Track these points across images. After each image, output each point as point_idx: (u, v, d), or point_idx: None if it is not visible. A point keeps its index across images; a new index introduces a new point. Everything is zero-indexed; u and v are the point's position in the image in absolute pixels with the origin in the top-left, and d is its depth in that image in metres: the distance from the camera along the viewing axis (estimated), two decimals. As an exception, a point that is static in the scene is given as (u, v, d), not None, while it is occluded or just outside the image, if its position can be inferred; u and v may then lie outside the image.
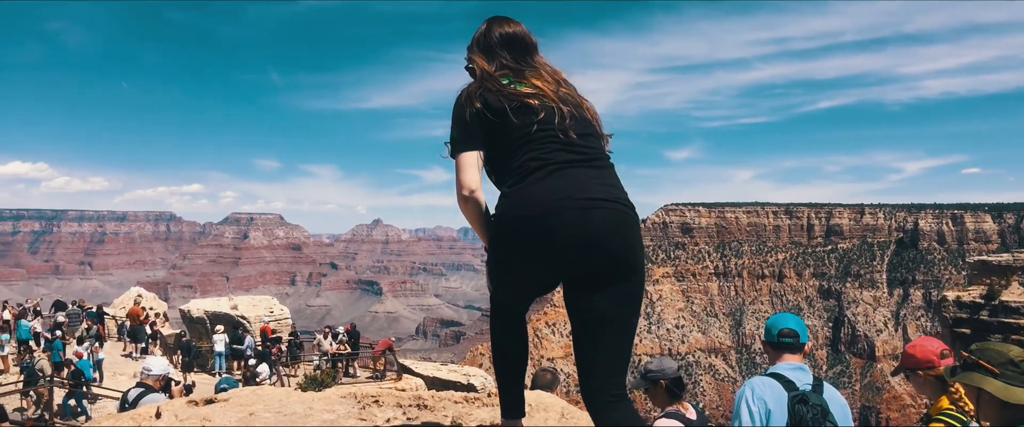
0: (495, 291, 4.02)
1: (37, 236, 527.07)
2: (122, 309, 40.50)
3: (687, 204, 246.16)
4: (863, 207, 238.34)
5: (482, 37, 4.12)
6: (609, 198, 3.57)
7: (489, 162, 3.79)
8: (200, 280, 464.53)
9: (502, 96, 3.73)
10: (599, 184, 3.59)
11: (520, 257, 3.61)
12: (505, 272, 3.81)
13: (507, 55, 4.03)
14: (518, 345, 4.26)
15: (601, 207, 3.51)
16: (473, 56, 4.09)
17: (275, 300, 40.62)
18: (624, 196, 3.69)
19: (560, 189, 3.48)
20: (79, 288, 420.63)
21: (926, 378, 4.83)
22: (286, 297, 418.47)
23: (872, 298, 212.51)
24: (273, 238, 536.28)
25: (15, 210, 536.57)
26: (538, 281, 3.77)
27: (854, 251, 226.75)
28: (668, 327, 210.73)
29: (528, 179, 3.55)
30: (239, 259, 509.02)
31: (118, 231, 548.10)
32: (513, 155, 3.66)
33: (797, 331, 4.75)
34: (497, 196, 3.79)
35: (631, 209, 3.68)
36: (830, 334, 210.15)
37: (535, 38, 4.19)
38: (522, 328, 4.26)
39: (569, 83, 4.11)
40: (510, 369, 4.33)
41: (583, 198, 3.48)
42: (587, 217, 3.45)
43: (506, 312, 4.15)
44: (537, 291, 3.91)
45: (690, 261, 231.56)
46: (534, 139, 3.64)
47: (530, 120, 3.66)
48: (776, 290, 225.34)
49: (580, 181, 3.54)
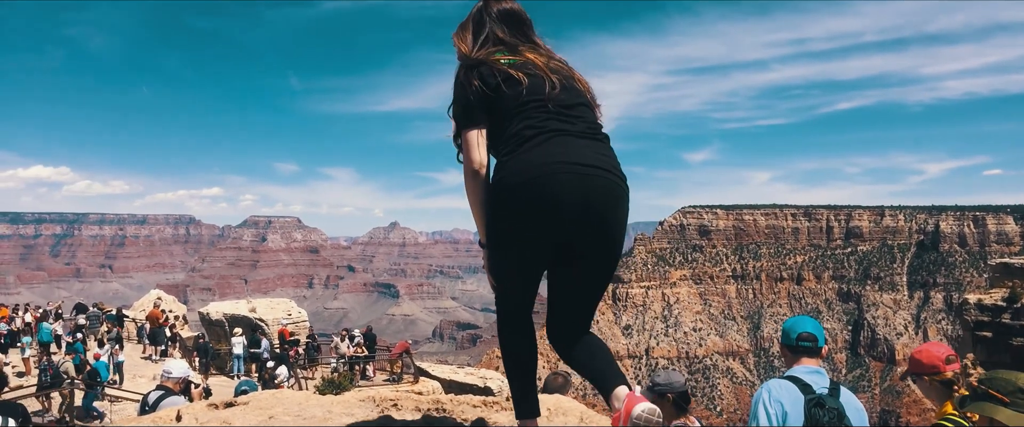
0: (499, 278, 4.03)
1: (59, 239, 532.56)
2: (142, 312, 40.85)
3: (705, 206, 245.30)
4: (883, 209, 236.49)
5: (478, 13, 4.23)
6: (604, 167, 3.66)
7: (488, 135, 3.89)
8: (219, 283, 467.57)
9: (495, 70, 3.83)
10: (593, 152, 3.68)
11: (520, 222, 3.63)
12: (506, 247, 3.83)
13: (504, 29, 4.14)
14: (527, 341, 4.26)
15: (598, 175, 3.60)
16: (465, 34, 4.19)
17: (293, 303, 40.76)
18: (618, 167, 3.78)
19: (556, 155, 3.58)
20: (100, 291, 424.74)
21: (932, 383, 4.87)
22: (304, 300, 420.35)
23: (892, 301, 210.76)
24: (291, 241, 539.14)
25: (37, 213, 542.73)
26: (538, 253, 3.79)
27: (874, 253, 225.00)
28: (685, 330, 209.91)
29: (524, 146, 3.64)
30: (257, 262, 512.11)
31: (138, 234, 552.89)
32: (508, 124, 3.76)
33: (815, 335, 4.74)
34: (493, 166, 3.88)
35: (624, 181, 3.76)
36: (850, 337, 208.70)
37: (531, 18, 4.29)
38: (530, 325, 4.27)
39: (562, 59, 4.21)
40: (523, 368, 4.30)
41: (580, 164, 3.57)
42: (585, 183, 3.55)
43: (512, 307, 4.17)
44: (537, 267, 3.91)
45: (708, 263, 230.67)
46: (527, 108, 3.75)
47: (520, 90, 3.77)
48: (795, 293, 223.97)
49: (575, 148, 3.63)
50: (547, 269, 3.94)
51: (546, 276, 4.01)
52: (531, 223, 3.61)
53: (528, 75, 3.85)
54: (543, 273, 3.99)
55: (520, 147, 3.67)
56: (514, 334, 4.23)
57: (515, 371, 4.31)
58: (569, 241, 3.69)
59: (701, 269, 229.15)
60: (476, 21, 4.22)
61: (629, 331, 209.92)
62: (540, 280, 4.04)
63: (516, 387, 4.31)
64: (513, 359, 4.29)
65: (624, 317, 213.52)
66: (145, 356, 34.15)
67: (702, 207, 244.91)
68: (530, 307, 4.23)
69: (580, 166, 3.57)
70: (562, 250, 3.76)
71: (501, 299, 4.15)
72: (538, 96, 3.79)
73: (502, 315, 4.22)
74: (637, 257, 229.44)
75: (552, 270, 3.94)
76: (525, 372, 4.30)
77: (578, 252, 3.76)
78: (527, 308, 4.21)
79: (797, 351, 4.73)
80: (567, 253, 3.77)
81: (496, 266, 3.96)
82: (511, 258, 3.87)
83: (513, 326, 4.22)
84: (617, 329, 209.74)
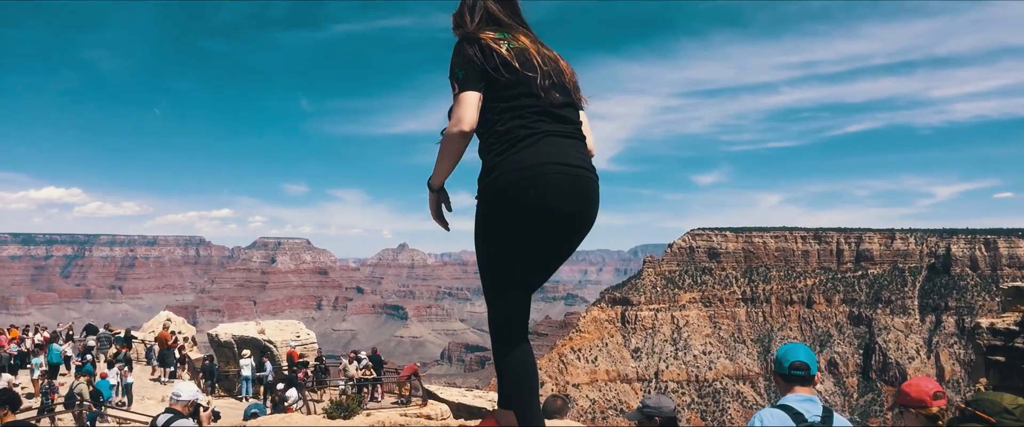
0: (495, 281, 4.16)
1: (69, 260, 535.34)
2: (151, 333, 40.95)
3: (714, 229, 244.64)
4: (894, 232, 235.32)
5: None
6: (587, 167, 4.01)
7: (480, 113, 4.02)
8: (228, 304, 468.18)
9: (494, 52, 4.01)
10: (577, 153, 4.01)
11: (516, 221, 3.86)
12: (504, 247, 4.02)
13: (500, 8, 4.32)
14: (528, 351, 4.27)
15: (583, 175, 3.94)
16: (464, 11, 4.35)
17: (301, 324, 40.76)
18: (593, 166, 4.11)
19: (549, 156, 3.84)
20: (109, 312, 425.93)
21: (917, 415, 4.95)
22: (312, 321, 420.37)
23: (904, 325, 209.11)
24: (300, 262, 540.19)
25: (48, 234, 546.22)
26: (531, 253, 4.02)
27: (885, 277, 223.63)
28: (695, 353, 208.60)
29: (517, 146, 3.85)
30: (266, 283, 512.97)
31: (148, 255, 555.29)
32: (499, 115, 3.96)
33: (808, 364, 4.81)
34: (481, 165, 4.03)
35: (598, 179, 4.11)
36: (861, 361, 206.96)
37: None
38: (527, 335, 4.32)
39: (548, 47, 4.35)
40: (527, 381, 4.25)
41: (569, 165, 3.89)
42: (575, 183, 3.88)
43: (511, 312, 4.23)
44: (532, 264, 4.09)
45: (717, 286, 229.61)
46: (519, 104, 3.97)
47: (515, 78, 3.97)
48: (805, 316, 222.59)
49: (564, 149, 3.93)
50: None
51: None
52: (527, 221, 3.85)
53: (523, 65, 4.01)
54: (534, 264, 4.14)
55: (513, 147, 3.86)
56: (516, 342, 4.24)
57: (520, 386, 4.23)
58: (556, 237, 3.97)
59: (710, 292, 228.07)
60: (470, 2, 4.38)
61: (638, 354, 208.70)
62: (530, 271, 4.16)
63: (523, 405, 4.20)
64: (520, 370, 4.24)
65: (633, 340, 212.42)
66: (154, 377, 34.18)
67: (711, 229, 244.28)
68: (527, 314, 4.31)
69: (569, 167, 3.87)
70: (546, 245, 4.04)
71: (499, 303, 4.23)
72: (531, 91, 3.99)
73: (502, 321, 4.25)
74: (646, 279, 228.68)
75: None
76: (531, 386, 4.26)
77: (557, 248, 4.06)
78: (525, 313, 4.30)
79: (790, 379, 4.80)
80: (548, 248, 4.06)
81: (492, 266, 4.13)
82: (507, 257, 4.04)
83: (514, 334, 4.24)
84: (626, 352, 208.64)
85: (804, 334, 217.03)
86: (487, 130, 4.00)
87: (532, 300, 4.35)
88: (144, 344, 39.47)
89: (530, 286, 4.25)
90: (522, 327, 4.30)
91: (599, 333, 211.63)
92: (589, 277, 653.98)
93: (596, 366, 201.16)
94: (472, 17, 4.30)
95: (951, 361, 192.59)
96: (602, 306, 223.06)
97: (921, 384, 5.04)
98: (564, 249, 4.08)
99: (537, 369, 4.34)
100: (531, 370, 4.30)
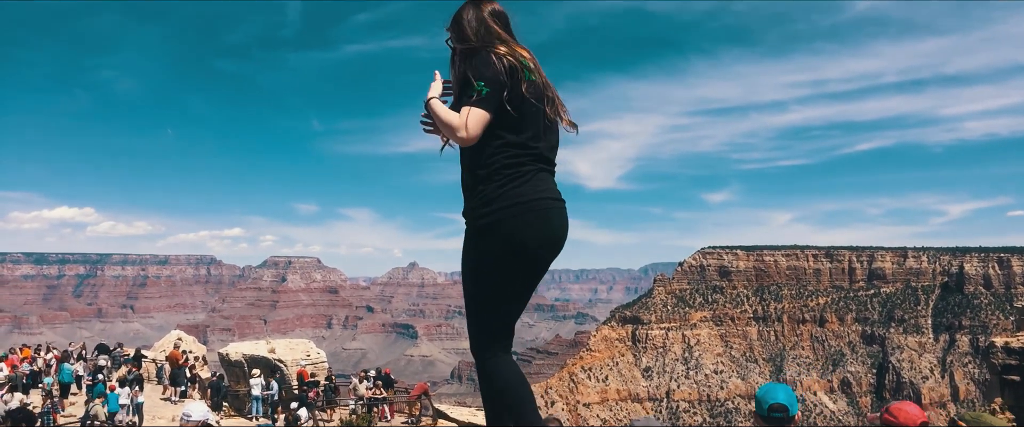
0: (491, 310, 4.25)
1: (82, 279, 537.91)
2: (162, 352, 41.03)
3: (725, 247, 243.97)
4: (906, 250, 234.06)
5: (477, 11, 4.40)
6: (563, 198, 4.33)
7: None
8: (239, 323, 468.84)
9: (519, 81, 4.15)
10: (554, 185, 4.32)
11: (515, 253, 4.08)
12: (498, 279, 4.16)
13: (500, 26, 4.40)
14: (520, 374, 4.34)
15: (562, 208, 4.29)
16: (467, 30, 4.39)
17: (312, 343, 40.74)
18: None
19: (542, 191, 4.15)
20: (121, 331, 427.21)
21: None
22: (322, 340, 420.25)
23: (917, 344, 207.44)
24: (310, 281, 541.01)
25: (61, 254, 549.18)
26: (527, 282, 4.24)
27: (898, 295, 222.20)
28: (706, 372, 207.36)
29: (517, 181, 4.09)
30: (277, 302, 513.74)
31: (160, 274, 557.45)
32: (503, 151, 4.12)
33: (787, 405, 4.79)
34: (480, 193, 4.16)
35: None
36: (874, 381, 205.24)
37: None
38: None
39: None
40: (527, 405, 4.24)
41: (557, 199, 4.25)
42: (562, 215, 4.26)
43: (500, 337, 4.30)
44: (523, 296, 4.29)
45: (728, 305, 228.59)
46: (525, 142, 4.17)
47: (529, 115, 4.18)
48: (817, 335, 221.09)
49: (552, 183, 4.28)
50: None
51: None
52: (526, 252, 4.09)
53: (537, 100, 4.22)
54: (526, 297, 4.33)
55: (513, 181, 4.07)
56: (510, 367, 4.30)
57: (521, 412, 4.21)
58: (545, 266, 4.25)
59: (722, 310, 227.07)
60: (478, 19, 4.39)
61: (649, 373, 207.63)
62: (514, 303, 4.30)
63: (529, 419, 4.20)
64: (518, 393, 4.25)
65: (644, 359, 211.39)
66: (165, 397, 34.24)
67: (722, 248, 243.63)
68: (511, 341, 4.43)
69: (557, 200, 4.23)
70: (539, 274, 4.29)
71: (488, 329, 4.29)
72: (537, 132, 4.22)
73: (490, 346, 4.31)
74: (657, 298, 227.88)
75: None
76: (533, 409, 4.25)
77: (542, 275, 4.31)
78: (510, 336, 4.40)
79: (769, 421, 4.78)
80: (539, 276, 4.30)
81: (485, 294, 4.21)
82: (504, 287, 4.17)
83: (507, 360, 4.33)
84: (637, 371, 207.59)
85: (816, 353, 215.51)
86: (486, 160, 4.10)
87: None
88: (155, 363, 39.56)
89: (519, 312, 4.41)
90: (510, 347, 4.45)
91: (610, 352, 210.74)
92: (599, 296, 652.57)
93: (607, 385, 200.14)
94: (476, 36, 4.33)
95: (965, 380, 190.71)
96: (612, 325, 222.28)
97: (910, 410, 5.03)
98: (542, 275, 4.32)
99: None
100: (527, 385, 4.37)
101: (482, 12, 4.36)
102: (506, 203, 4.01)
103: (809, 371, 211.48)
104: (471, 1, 4.44)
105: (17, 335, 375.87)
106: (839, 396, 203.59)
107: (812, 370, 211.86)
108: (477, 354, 4.36)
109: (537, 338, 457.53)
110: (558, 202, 4.22)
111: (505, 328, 4.35)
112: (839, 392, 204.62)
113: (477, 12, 4.37)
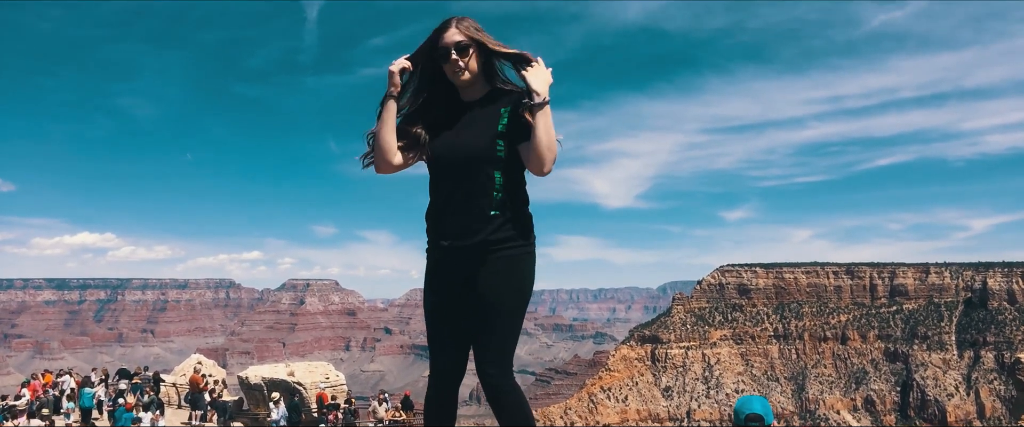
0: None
1: (102, 304, 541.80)
2: (182, 376, 41.14)
3: (744, 265, 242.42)
4: (928, 266, 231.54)
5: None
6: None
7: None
8: (258, 346, 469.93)
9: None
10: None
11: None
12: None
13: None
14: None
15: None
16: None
17: (330, 366, 40.74)
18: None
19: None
20: (141, 356, 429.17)
21: None
22: (341, 362, 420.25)
23: (941, 361, 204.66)
24: (329, 304, 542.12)
25: (82, 279, 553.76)
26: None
27: (920, 312, 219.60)
28: (727, 391, 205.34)
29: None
30: (295, 325, 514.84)
31: (180, 299, 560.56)
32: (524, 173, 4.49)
33: (762, 415, 4.89)
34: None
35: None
36: (898, 399, 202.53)
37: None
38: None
39: None
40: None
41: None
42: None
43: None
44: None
45: (748, 323, 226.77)
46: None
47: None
48: (840, 353, 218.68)
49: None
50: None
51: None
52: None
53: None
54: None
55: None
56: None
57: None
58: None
59: (742, 329, 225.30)
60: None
61: (669, 393, 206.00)
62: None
63: None
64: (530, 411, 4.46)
65: (664, 378, 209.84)
66: (185, 422, 34.27)
67: (741, 266, 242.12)
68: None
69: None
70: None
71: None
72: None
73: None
74: (676, 317, 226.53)
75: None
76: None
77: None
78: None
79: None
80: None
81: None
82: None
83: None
84: (657, 391, 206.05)
85: (839, 371, 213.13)
86: (523, 185, 4.36)
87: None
88: (175, 387, 39.67)
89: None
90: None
91: (629, 372, 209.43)
92: (618, 315, 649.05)
93: (627, 405, 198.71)
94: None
95: (991, 398, 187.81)
96: (631, 344, 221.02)
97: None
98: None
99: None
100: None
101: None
102: (534, 231, 4.40)
103: (832, 389, 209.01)
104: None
105: (39, 360, 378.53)
106: (863, 415, 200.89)
107: (835, 388, 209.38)
108: (511, 379, 4.40)
109: (556, 358, 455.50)
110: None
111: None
112: (863, 410, 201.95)
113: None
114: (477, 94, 4.36)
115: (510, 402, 4.34)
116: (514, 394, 4.36)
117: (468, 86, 4.33)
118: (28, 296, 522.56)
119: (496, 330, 4.30)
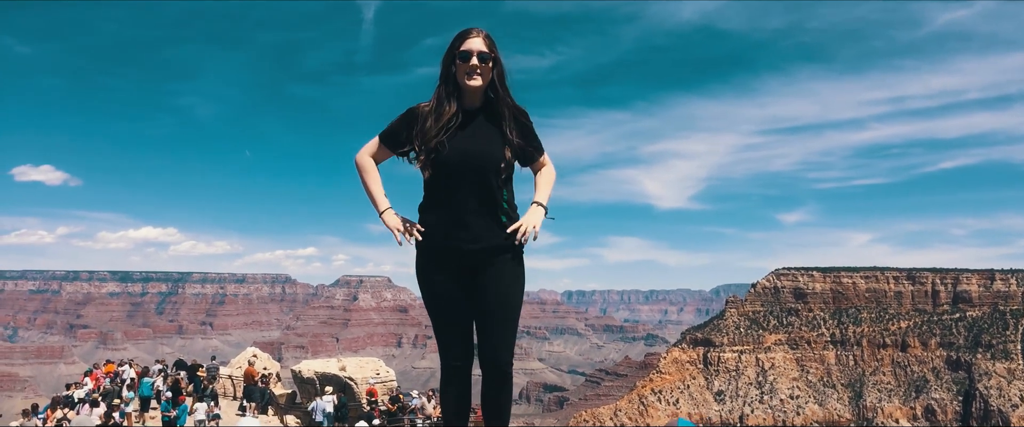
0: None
1: (164, 297, 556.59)
2: (238, 369, 41.89)
3: (800, 268, 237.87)
4: (993, 272, 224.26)
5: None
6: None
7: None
8: (312, 341, 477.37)
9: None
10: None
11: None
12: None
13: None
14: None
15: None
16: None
17: (381, 362, 41.02)
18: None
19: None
20: (200, 348, 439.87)
21: None
22: (392, 359, 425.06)
23: (1006, 370, 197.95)
24: (381, 300, 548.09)
25: (144, 272, 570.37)
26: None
27: (985, 319, 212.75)
28: (781, 397, 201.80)
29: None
30: (348, 320, 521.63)
31: (237, 293, 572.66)
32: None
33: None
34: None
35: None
36: (960, 409, 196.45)
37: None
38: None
39: None
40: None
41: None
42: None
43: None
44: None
45: (804, 328, 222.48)
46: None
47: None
48: (899, 360, 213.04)
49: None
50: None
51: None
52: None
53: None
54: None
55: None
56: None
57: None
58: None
59: (797, 333, 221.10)
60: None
61: (722, 397, 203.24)
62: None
63: None
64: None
65: (716, 382, 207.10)
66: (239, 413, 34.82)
67: (797, 269, 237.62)
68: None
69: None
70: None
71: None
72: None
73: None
74: (729, 320, 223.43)
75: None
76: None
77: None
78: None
79: None
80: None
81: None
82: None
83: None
84: (709, 394, 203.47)
85: (898, 379, 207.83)
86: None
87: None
88: (231, 379, 40.40)
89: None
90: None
91: (680, 374, 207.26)
92: (669, 317, 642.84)
93: (678, 408, 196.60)
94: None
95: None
96: (683, 347, 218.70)
97: None
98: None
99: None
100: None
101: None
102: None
103: (891, 398, 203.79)
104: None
105: (103, 350, 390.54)
106: (923, 424, 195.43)
107: (894, 397, 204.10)
108: (510, 366, 5.14)
109: (606, 359, 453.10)
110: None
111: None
112: (923, 420, 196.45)
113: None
114: (477, 102, 4.88)
115: (509, 386, 5.21)
116: (509, 377, 5.22)
117: (472, 93, 4.82)
118: (93, 288, 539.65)
119: (509, 322, 4.96)
